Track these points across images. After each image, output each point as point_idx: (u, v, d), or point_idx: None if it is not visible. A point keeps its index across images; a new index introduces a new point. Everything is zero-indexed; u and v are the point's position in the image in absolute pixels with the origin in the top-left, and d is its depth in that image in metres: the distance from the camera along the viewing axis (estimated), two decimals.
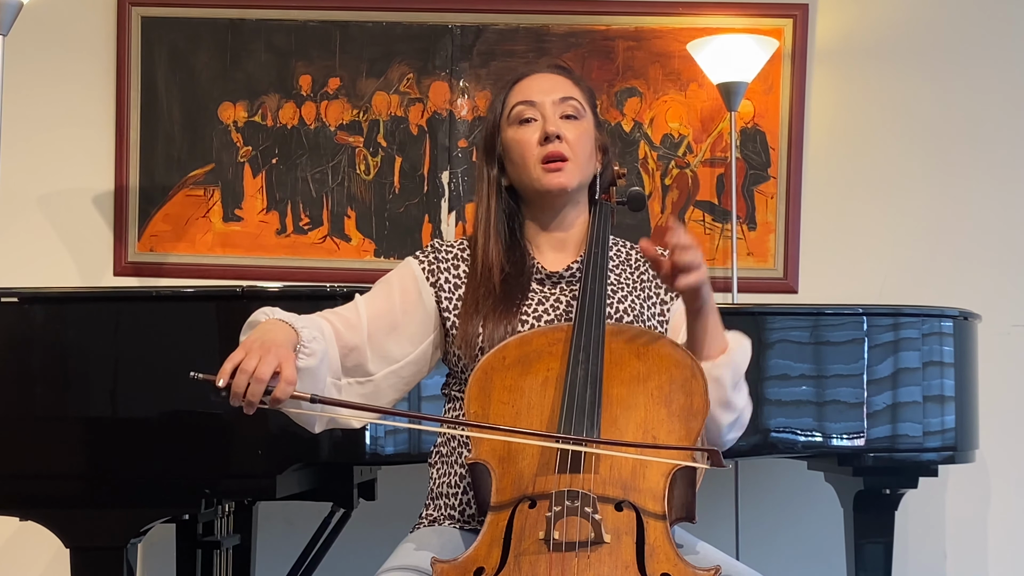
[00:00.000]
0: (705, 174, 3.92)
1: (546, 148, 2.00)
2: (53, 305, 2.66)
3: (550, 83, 2.07)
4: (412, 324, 2.02)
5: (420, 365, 2.05)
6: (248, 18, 3.96)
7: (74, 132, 3.96)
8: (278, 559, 3.35)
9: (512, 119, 2.05)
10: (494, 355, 1.89)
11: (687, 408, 1.80)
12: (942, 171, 3.93)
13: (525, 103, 2.04)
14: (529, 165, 2.01)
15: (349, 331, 1.97)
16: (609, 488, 1.70)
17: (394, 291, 2.04)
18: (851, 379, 2.90)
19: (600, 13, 3.92)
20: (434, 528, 1.99)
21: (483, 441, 1.79)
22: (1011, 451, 3.85)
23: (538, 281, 2.04)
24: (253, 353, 1.71)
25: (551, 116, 2.02)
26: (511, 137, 2.04)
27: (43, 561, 3.79)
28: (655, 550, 1.65)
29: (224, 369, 1.71)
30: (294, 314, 1.87)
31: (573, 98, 2.05)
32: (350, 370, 1.97)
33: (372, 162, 3.93)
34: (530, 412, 1.81)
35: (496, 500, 1.73)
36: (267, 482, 2.55)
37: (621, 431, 1.77)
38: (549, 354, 1.87)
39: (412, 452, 2.62)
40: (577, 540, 1.62)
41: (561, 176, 2.00)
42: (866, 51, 3.94)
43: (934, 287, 3.83)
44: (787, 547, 3.79)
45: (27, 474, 2.57)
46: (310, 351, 1.82)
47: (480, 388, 1.85)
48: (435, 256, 2.07)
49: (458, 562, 1.68)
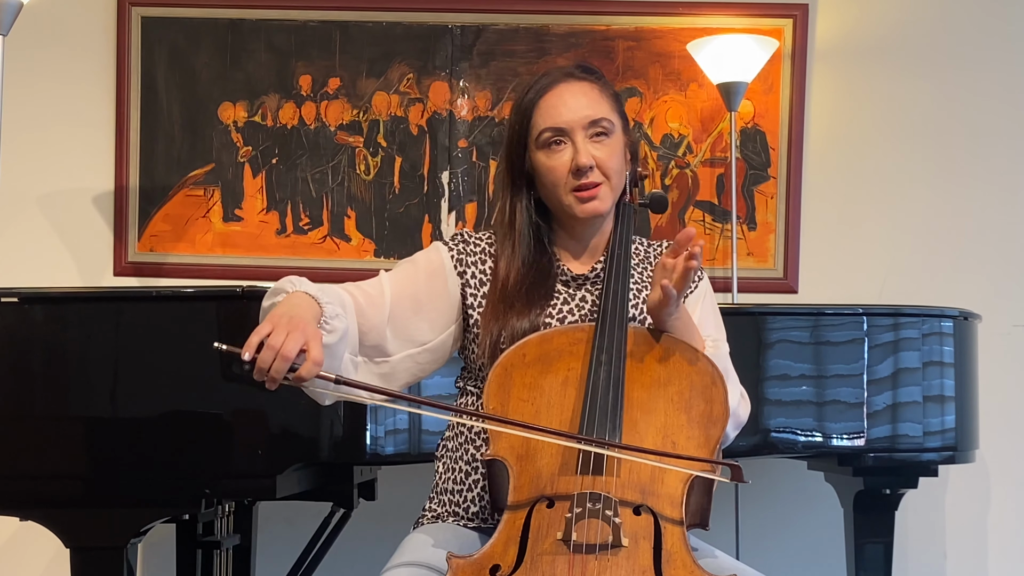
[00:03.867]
0: (705, 174, 3.92)
1: (579, 180, 1.96)
2: (53, 305, 2.66)
3: (578, 100, 1.99)
4: (435, 310, 2.00)
5: (437, 354, 2.02)
6: (248, 18, 3.95)
7: (74, 132, 3.96)
8: (278, 559, 3.35)
9: (540, 143, 1.99)
10: (514, 352, 1.88)
11: (707, 415, 1.80)
12: (942, 171, 3.92)
13: (553, 130, 1.98)
14: (560, 192, 1.98)
15: (371, 308, 1.93)
16: (628, 492, 1.70)
17: (420, 274, 2.02)
18: (851, 379, 2.90)
19: (600, 13, 3.92)
20: (437, 525, 1.99)
21: (501, 437, 1.78)
22: (1011, 451, 3.85)
23: (563, 283, 2.03)
24: (280, 328, 1.68)
25: (582, 146, 1.96)
26: (541, 162, 1.99)
27: (43, 561, 3.79)
28: (672, 556, 1.65)
29: (251, 342, 1.68)
30: (319, 286, 1.85)
31: (603, 118, 1.98)
32: (368, 348, 1.94)
33: (372, 162, 3.93)
34: (550, 411, 1.80)
35: (513, 498, 1.73)
36: (267, 482, 2.55)
37: (641, 435, 1.77)
38: (570, 353, 1.86)
39: (412, 452, 2.62)
40: (597, 543, 1.62)
41: (596, 203, 1.98)
42: (866, 51, 3.94)
43: (934, 287, 3.83)
44: (787, 547, 3.79)
45: (27, 474, 2.57)
46: (331, 328, 1.79)
47: (499, 385, 1.84)
48: (464, 248, 2.04)
49: (474, 559, 1.68)
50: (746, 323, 2.90)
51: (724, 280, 3.83)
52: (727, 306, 3.52)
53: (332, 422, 2.57)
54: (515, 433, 1.76)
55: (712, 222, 3.91)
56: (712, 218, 3.91)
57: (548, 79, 2.02)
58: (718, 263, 3.87)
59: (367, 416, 2.58)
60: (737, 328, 2.87)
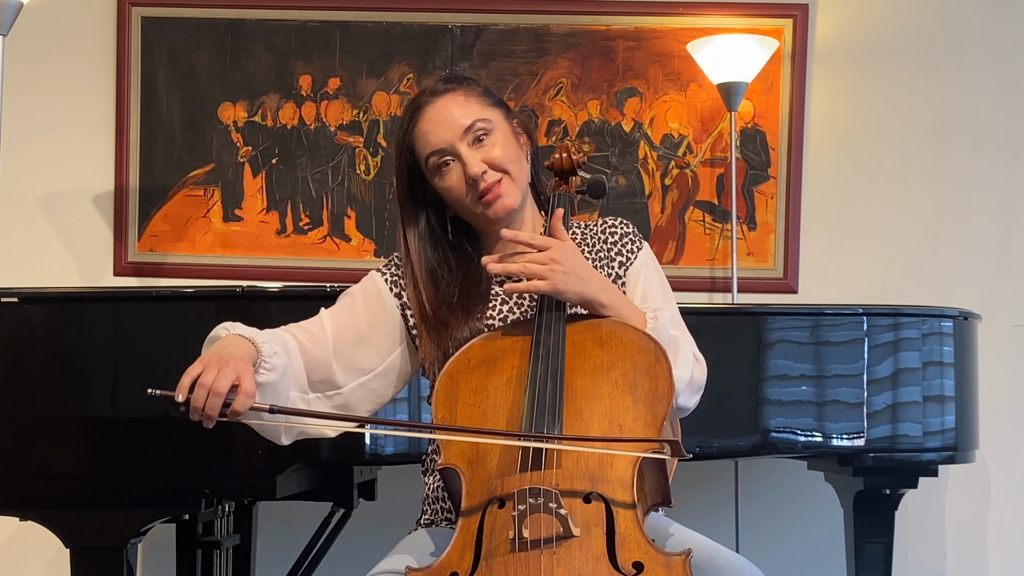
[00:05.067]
0: (705, 174, 3.92)
1: (477, 187, 1.96)
2: (53, 305, 2.66)
3: (446, 116, 1.98)
4: (379, 336, 2.02)
5: (390, 378, 2.04)
6: (248, 18, 3.96)
7: (74, 132, 3.96)
8: (278, 559, 3.35)
9: (431, 169, 2.00)
10: (459, 358, 1.89)
11: (652, 393, 1.79)
12: (942, 171, 3.92)
13: (435, 153, 1.98)
14: (468, 205, 1.99)
15: (314, 345, 1.96)
16: (576, 481, 1.70)
17: (358, 304, 2.04)
18: (851, 379, 2.90)
19: (600, 13, 3.92)
20: (431, 530, 1.99)
21: (451, 445, 1.78)
22: (1011, 451, 3.85)
23: (499, 283, 2.03)
24: (211, 367, 1.71)
25: (467, 156, 1.96)
26: (440, 186, 2.00)
27: (43, 561, 3.79)
28: (625, 539, 1.65)
29: (182, 383, 1.71)
30: (255, 329, 1.87)
31: (477, 120, 1.98)
32: (318, 384, 1.97)
33: (372, 162, 3.93)
34: (496, 412, 1.80)
35: (467, 503, 1.73)
36: (267, 482, 2.55)
37: (586, 422, 1.77)
38: (513, 351, 1.87)
39: (412, 452, 2.62)
40: (543, 537, 1.62)
41: (503, 200, 1.98)
42: (866, 51, 3.94)
43: (934, 287, 3.83)
44: (787, 547, 3.79)
45: (27, 474, 2.57)
46: (271, 365, 1.82)
47: (447, 393, 1.85)
48: (397, 271, 2.06)
49: (432, 569, 1.68)
50: (746, 323, 2.90)
51: (724, 280, 3.83)
52: (727, 306, 3.53)
53: None
54: (463, 440, 1.76)
55: (712, 222, 3.91)
56: (712, 218, 3.91)
57: (413, 107, 2.02)
58: (718, 263, 3.87)
59: None
60: (737, 328, 2.90)
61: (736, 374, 2.82)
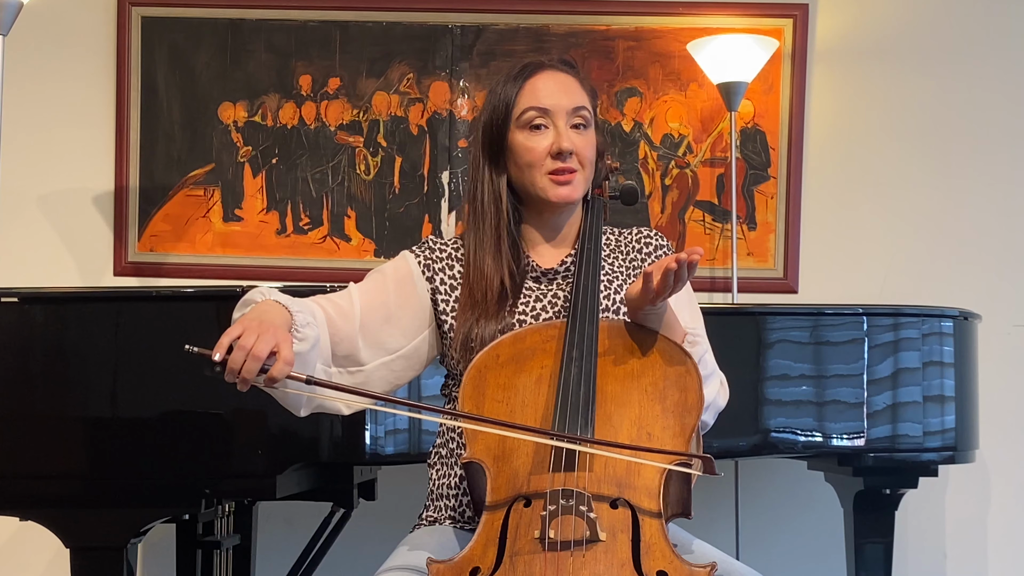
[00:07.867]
0: (705, 174, 3.92)
1: (557, 163, 1.99)
2: (53, 305, 2.66)
3: (561, 86, 2.03)
4: (406, 317, 2.01)
5: (412, 360, 2.03)
6: (248, 18, 3.96)
7: (74, 132, 3.96)
8: (278, 559, 3.35)
9: (522, 123, 2.01)
10: (487, 353, 1.89)
11: (682, 404, 1.80)
12: (942, 171, 3.92)
13: (538, 110, 2.01)
14: (536, 174, 2.00)
15: (342, 319, 1.95)
16: (604, 486, 1.70)
17: (389, 283, 2.03)
18: (851, 379, 2.90)
19: (600, 13, 3.92)
20: (434, 528, 1.99)
21: (478, 440, 1.78)
22: (1011, 451, 3.85)
23: (533, 279, 2.04)
24: (251, 331, 1.70)
25: (564, 130, 2.00)
26: (520, 142, 2.01)
27: (43, 561, 3.79)
28: (651, 547, 1.65)
29: (221, 343, 1.69)
30: (289, 296, 1.86)
31: (584, 107, 2.03)
32: (341, 359, 1.96)
33: (372, 162, 3.93)
34: (524, 410, 1.80)
35: (491, 499, 1.73)
36: (267, 482, 2.55)
37: (615, 428, 1.77)
38: (543, 351, 1.87)
39: (412, 452, 2.62)
40: (572, 539, 1.62)
41: (570, 189, 2.00)
42: (866, 51, 3.94)
43: (934, 287, 3.83)
44: (787, 547, 3.79)
45: (27, 474, 2.57)
46: (303, 336, 1.81)
47: (474, 387, 1.84)
48: (431, 254, 2.07)
49: (454, 562, 1.68)
50: (746, 323, 2.90)
51: (724, 280, 3.83)
52: (727, 306, 3.53)
53: (332, 422, 2.57)
54: (491, 432, 1.76)
55: (712, 222, 3.91)
56: (712, 218, 3.91)
57: (530, 67, 2.05)
58: (718, 263, 3.87)
59: (367, 416, 2.58)
60: (737, 328, 2.90)
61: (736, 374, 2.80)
